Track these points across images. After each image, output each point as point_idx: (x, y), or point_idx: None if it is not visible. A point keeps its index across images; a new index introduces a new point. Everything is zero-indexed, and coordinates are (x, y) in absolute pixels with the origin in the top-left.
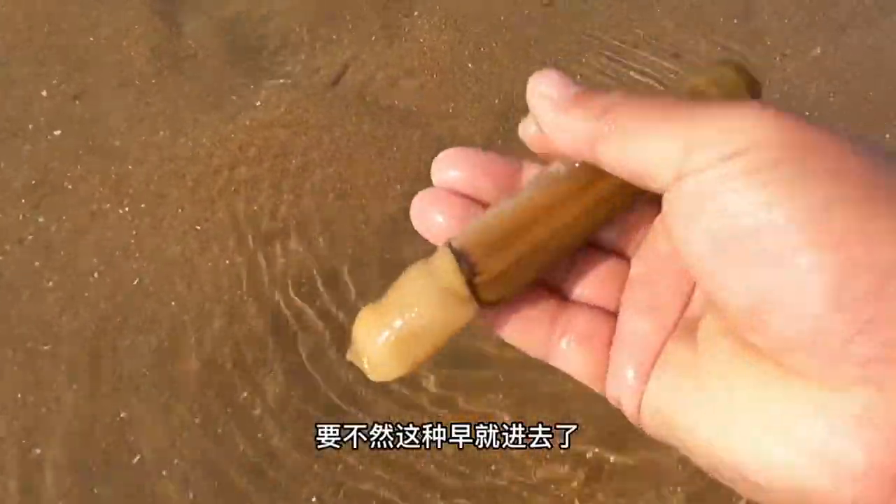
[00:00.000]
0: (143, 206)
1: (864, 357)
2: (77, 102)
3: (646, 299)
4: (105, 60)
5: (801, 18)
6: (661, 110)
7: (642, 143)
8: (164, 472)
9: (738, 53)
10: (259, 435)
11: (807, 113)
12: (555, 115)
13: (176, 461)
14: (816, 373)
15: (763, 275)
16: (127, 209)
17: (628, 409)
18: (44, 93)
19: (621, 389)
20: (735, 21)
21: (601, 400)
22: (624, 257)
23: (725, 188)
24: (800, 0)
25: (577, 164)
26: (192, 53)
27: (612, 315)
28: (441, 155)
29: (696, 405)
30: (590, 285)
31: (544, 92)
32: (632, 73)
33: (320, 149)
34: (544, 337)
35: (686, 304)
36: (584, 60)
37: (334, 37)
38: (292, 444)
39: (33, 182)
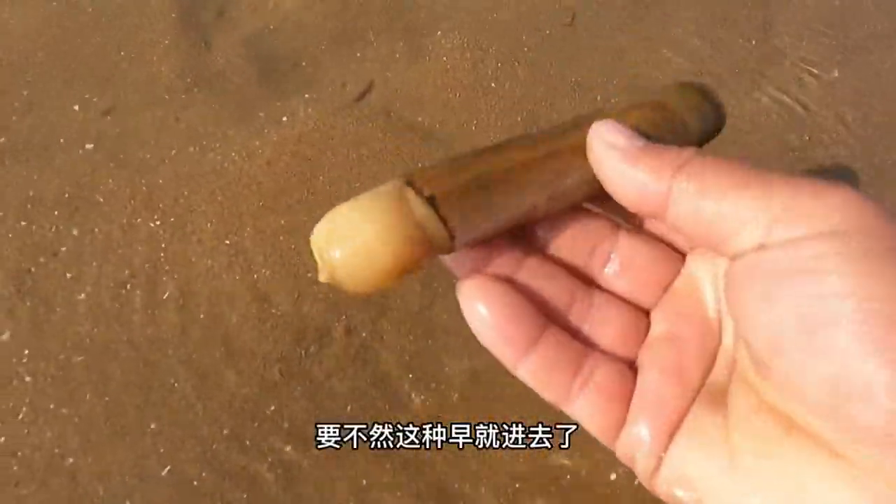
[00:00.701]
0: (172, 219)
1: None
2: (108, 117)
3: (670, 360)
4: (135, 76)
5: (818, 41)
6: (739, 174)
7: (721, 205)
8: (194, 483)
9: (756, 75)
10: (288, 448)
11: (824, 134)
12: (623, 167)
13: (204, 473)
14: (876, 466)
15: (850, 363)
16: (158, 223)
17: (643, 468)
18: (76, 107)
19: (637, 449)
20: (754, 42)
21: None
22: (639, 308)
23: (819, 267)
24: (817, 23)
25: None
26: (220, 69)
27: (631, 368)
28: None
29: (727, 476)
30: (610, 335)
31: (610, 141)
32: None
33: (346, 164)
34: (564, 385)
35: (709, 368)
36: (604, 79)
37: (359, 55)
38: (320, 457)
39: (66, 195)
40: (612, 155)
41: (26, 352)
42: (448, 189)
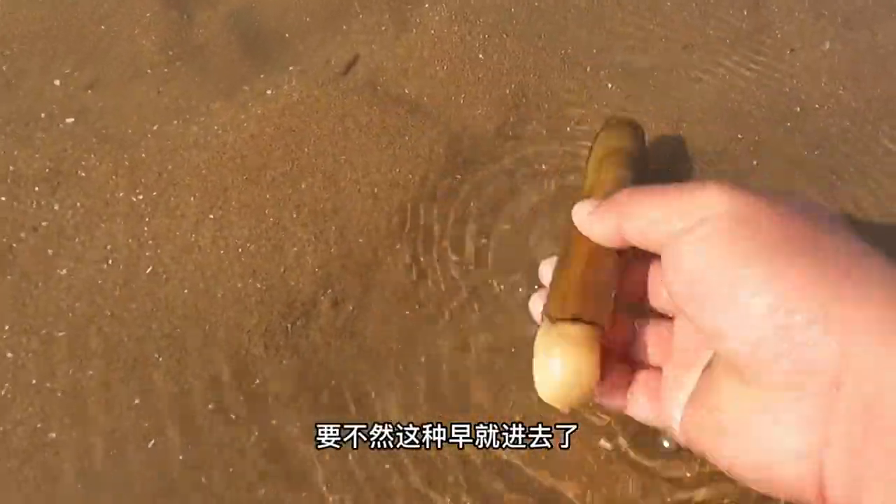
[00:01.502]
0: (155, 194)
1: (790, 370)
2: (89, 91)
3: (682, 358)
4: (117, 50)
5: (809, 13)
6: (650, 195)
7: (643, 220)
8: (180, 457)
9: (747, 47)
10: (273, 422)
11: (816, 106)
12: (588, 217)
13: (189, 447)
14: (765, 382)
15: (723, 309)
16: (140, 197)
17: (677, 435)
18: (56, 82)
19: (671, 422)
20: (745, 13)
21: None
22: (669, 318)
23: (694, 248)
24: None
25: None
26: (203, 43)
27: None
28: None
29: (710, 425)
30: (648, 351)
31: (580, 210)
32: (642, 64)
33: (331, 137)
34: (624, 397)
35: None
36: (593, 52)
37: (344, 27)
38: (305, 433)
39: (47, 170)
40: (585, 221)
41: (7, 327)
42: (579, 306)
